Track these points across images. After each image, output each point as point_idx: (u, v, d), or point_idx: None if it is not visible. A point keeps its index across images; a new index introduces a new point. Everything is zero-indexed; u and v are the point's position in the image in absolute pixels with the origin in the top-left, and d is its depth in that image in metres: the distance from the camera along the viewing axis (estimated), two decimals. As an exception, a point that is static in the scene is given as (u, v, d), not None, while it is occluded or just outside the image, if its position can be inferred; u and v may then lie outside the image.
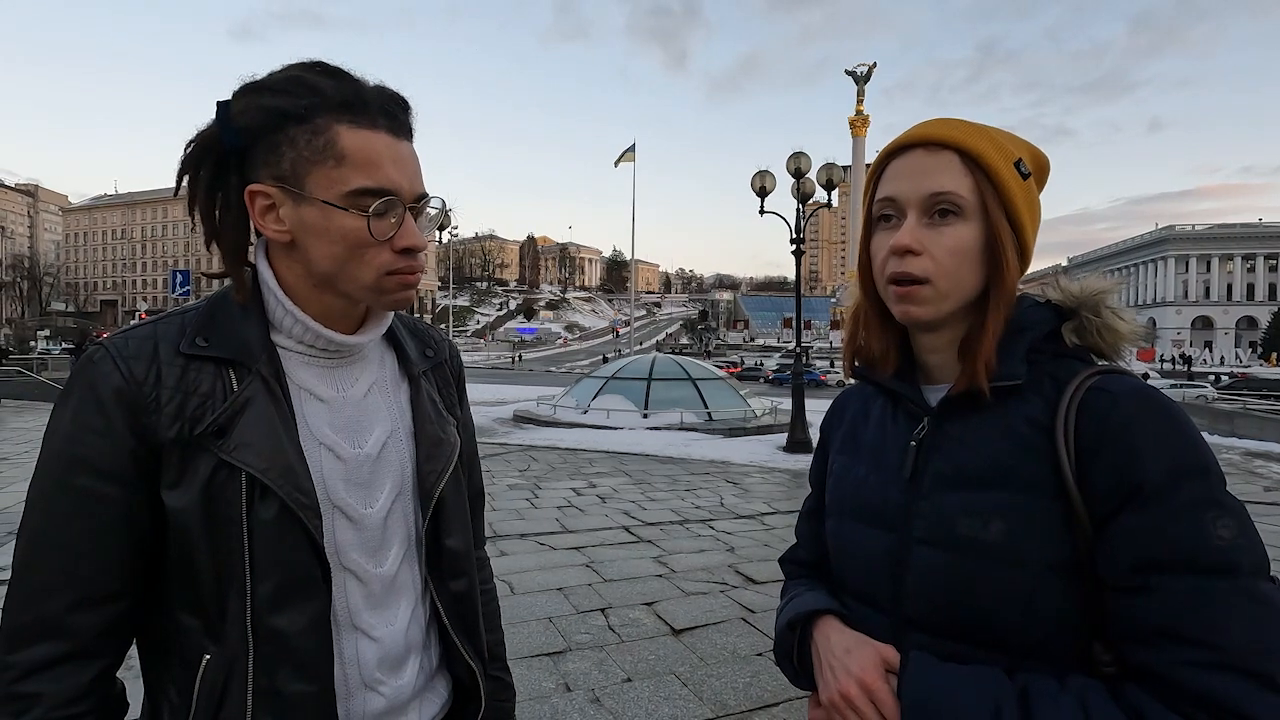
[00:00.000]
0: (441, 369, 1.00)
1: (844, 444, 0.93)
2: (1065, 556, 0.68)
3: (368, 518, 0.83)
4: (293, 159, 0.75)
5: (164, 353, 0.76)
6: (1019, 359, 0.75)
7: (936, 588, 0.74)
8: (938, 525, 0.75)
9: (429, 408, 0.93)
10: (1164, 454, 0.66)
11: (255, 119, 0.75)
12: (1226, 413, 16.12)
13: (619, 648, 3.60)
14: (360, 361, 0.88)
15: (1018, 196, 0.76)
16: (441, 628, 0.91)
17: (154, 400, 0.73)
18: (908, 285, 0.76)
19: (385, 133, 0.78)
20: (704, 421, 14.16)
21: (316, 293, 0.81)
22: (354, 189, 0.75)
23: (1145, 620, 0.64)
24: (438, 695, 0.92)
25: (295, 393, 0.81)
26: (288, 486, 0.74)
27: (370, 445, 0.85)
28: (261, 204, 0.78)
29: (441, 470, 0.90)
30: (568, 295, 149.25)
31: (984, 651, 0.71)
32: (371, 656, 0.83)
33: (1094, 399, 0.70)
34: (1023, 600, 0.69)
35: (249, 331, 0.79)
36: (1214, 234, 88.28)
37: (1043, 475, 0.70)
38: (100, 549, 0.72)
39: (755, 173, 12.24)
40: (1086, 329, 0.77)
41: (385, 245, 0.78)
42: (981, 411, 0.76)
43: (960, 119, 0.79)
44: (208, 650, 0.74)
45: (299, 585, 0.76)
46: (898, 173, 0.78)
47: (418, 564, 0.90)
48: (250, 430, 0.75)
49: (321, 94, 0.75)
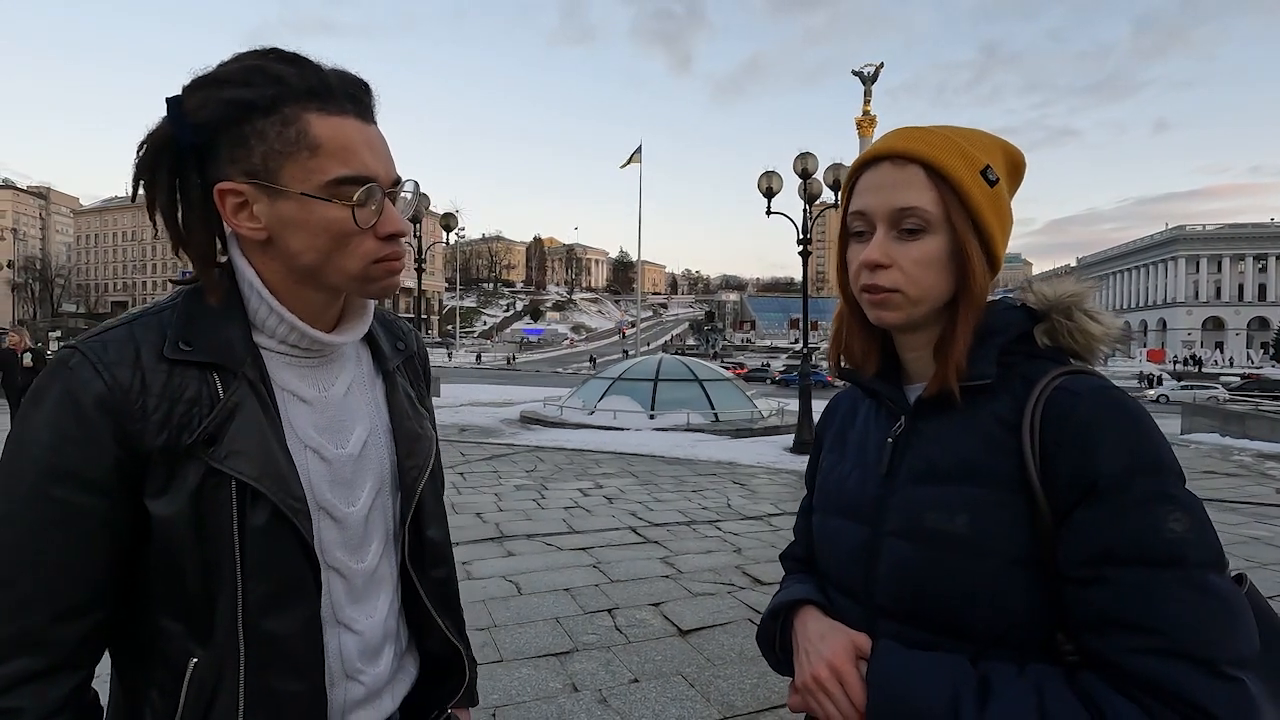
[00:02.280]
0: (412, 362, 1.00)
1: (833, 443, 0.97)
2: (1028, 550, 0.71)
3: (350, 516, 0.83)
4: (263, 152, 0.73)
5: (146, 358, 0.72)
6: (990, 360, 0.78)
7: (905, 578, 0.77)
8: (908, 518, 0.78)
9: (405, 404, 0.93)
10: (1120, 451, 0.69)
11: (215, 113, 0.72)
12: (1238, 414, 15.97)
13: (626, 648, 3.60)
14: (339, 360, 0.87)
15: (984, 206, 0.78)
16: (416, 612, 0.93)
17: (140, 408, 0.70)
18: (882, 294, 0.79)
19: (354, 118, 0.76)
20: (710, 422, 14.16)
21: (298, 289, 0.80)
22: (333, 178, 0.73)
23: (1097, 609, 0.67)
24: (408, 675, 0.94)
25: (280, 395, 0.79)
26: (281, 493, 0.74)
27: (352, 445, 0.85)
28: (233, 202, 0.74)
29: (422, 466, 0.91)
30: (574, 296, 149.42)
31: (950, 640, 0.74)
32: (354, 648, 0.84)
33: (1058, 398, 0.73)
34: (987, 591, 0.72)
35: (232, 333, 0.77)
36: (1225, 234, 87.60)
37: (1009, 471, 0.73)
38: (81, 561, 0.70)
39: (762, 173, 12.23)
40: (1058, 331, 0.79)
41: (369, 233, 0.76)
42: (954, 410, 0.79)
43: (930, 128, 0.80)
44: (194, 654, 0.73)
45: (290, 587, 0.75)
46: (868, 186, 0.81)
47: (395, 556, 0.91)
48: (241, 437, 0.73)
49: (286, 83, 0.73)
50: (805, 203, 12.09)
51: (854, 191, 0.83)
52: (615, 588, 4.55)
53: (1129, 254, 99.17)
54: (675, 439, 12.27)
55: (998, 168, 0.80)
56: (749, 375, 47.46)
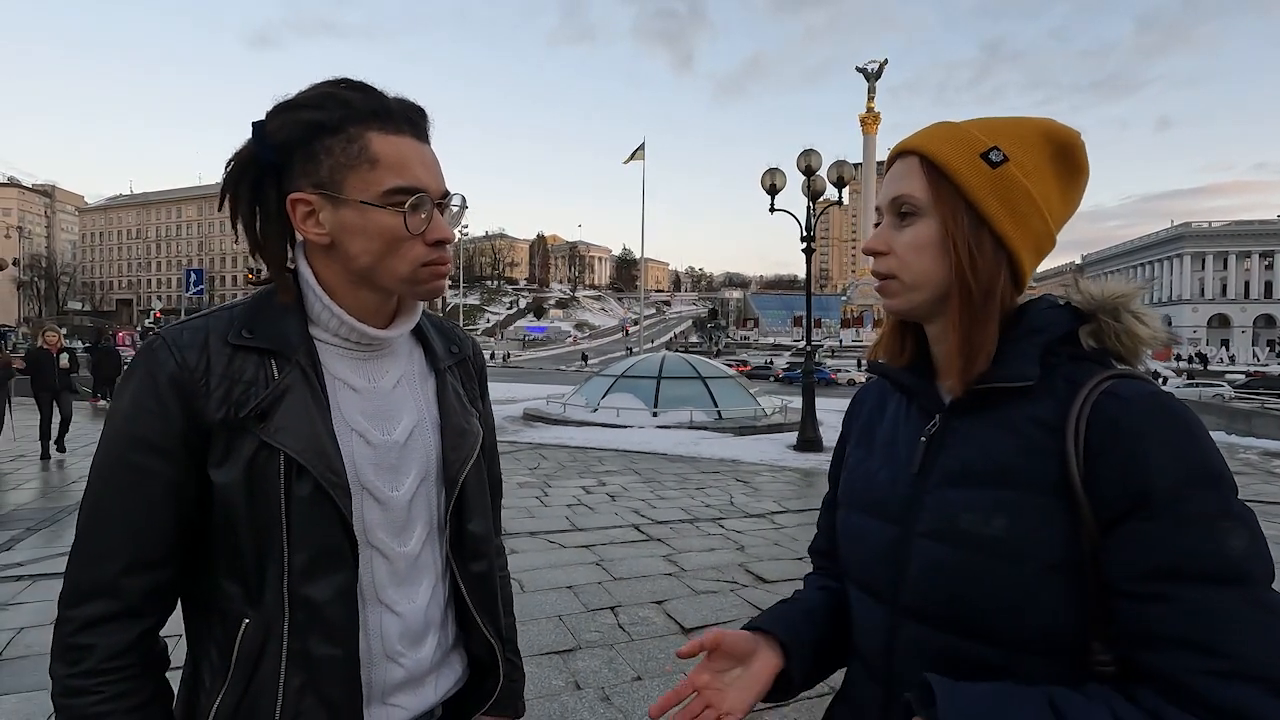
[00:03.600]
0: (465, 365, 1.06)
1: (859, 438, 0.96)
2: (1066, 557, 0.69)
3: (394, 500, 0.89)
4: (330, 166, 0.82)
5: (214, 343, 0.83)
6: (1032, 360, 0.75)
7: (936, 580, 0.75)
8: (941, 519, 0.76)
9: (453, 400, 0.99)
10: (1176, 462, 0.66)
11: (292, 133, 0.82)
12: (1244, 412, 15.91)
13: (629, 646, 3.61)
14: (391, 355, 0.95)
15: (977, 186, 0.76)
16: (461, 607, 0.98)
17: (204, 385, 0.80)
18: (881, 280, 0.83)
19: (410, 137, 0.85)
20: (714, 420, 14.15)
21: (353, 289, 0.88)
22: (389, 188, 0.82)
23: (1159, 628, 0.64)
24: (453, 670, 0.98)
25: (330, 382, 0.87)
26: (321, 467, 0.81)
27: (398, 433, 0.91)
28: (303, 210, 0.84)
29: (465, 458, 0.96)
30: (577, 294, 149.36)
31: (977, 645, 0.72)
32: (394, 630, 0.89)
33: (1106, 403, 0.70)
34: (1020, 597, 0.70)
35: (289, 326, 0.86)
36: (1231, 231, 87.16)
37: (1049, 475, 0.70)
38: (152, 519, 0.79)
39: (766, 170, 12.20)
40: (1104, 333, 0.77)
41: (418, 239, 0.84)
42: (993, 410, 0.76)
43: (946, 123, 0.81)
44: (247, 615, 0.81)
45: (329, 557, 0.82)
46: (883, 183, 0.85)
47: (439, 547, 0.96)
48: (289, 415, 0.81)
49: (351, 106, 0.83)
50: (809, 200, 12.06)
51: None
52: (618, 585, 4.56)
53: (1134, 251, 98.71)
54: (678, 436, 12.28)
55: (1023, 150, 0.77)
56: (752, 373, 47.43)
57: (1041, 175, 0.77)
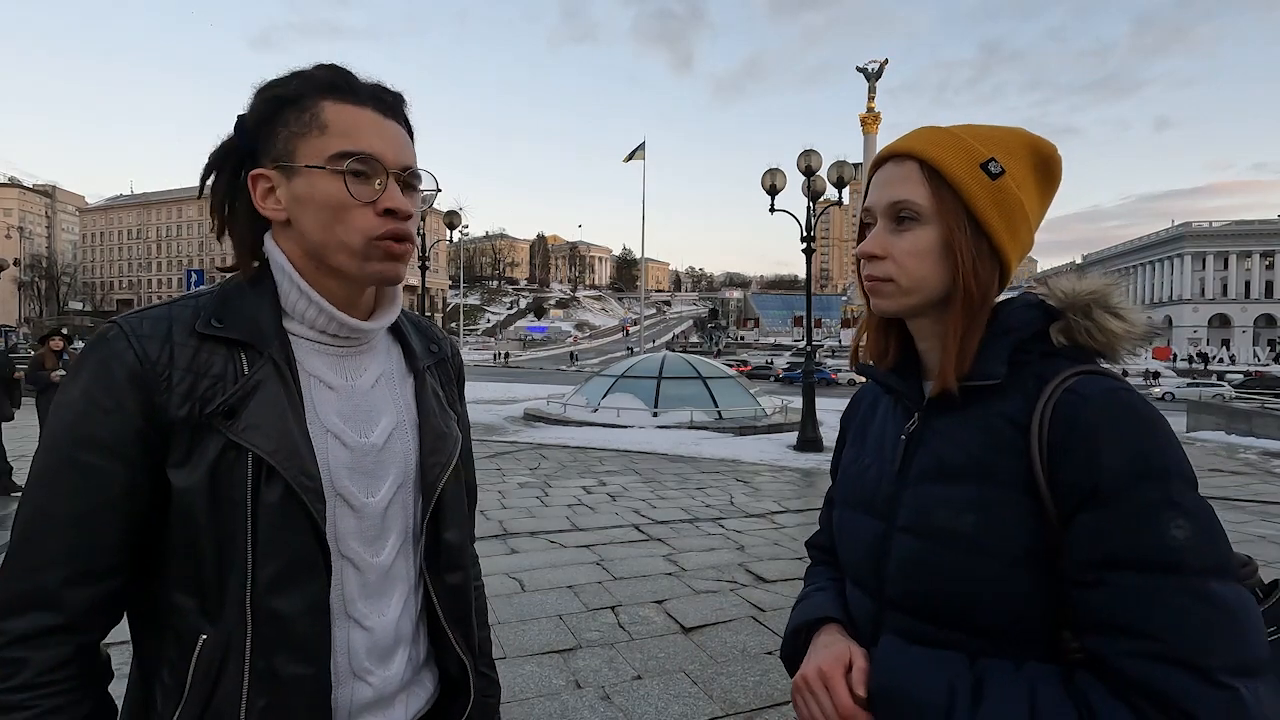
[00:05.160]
0: (444, 365, 1.02)
1: (855, 436, 0.99)
2: (1033, 549, 0.71)
3: (368, 507, 0.84)
4: (285, 137, 0.80)
5: (177, 333, 0.77)
6: (1000, 359, 0.77)
7: (913, 573, 0.79)
8: (917, 515, 0.80)
9: (432, 402, 0.94)
10: (1124, 456, 0.68)
11: (259, 112, 0.81)
12: (1244, 412, 15.90)
13: (629, 645, 3.61)
14: (369, 352, 0.90)
15: (980, 197, 0.78)
16: (433, 620, 0.92)
17: (166, 380, 0.74)
18: (876, 283, 0.83)
19: (370, 109, 0.82)
20: (714, 420, 14.15)
21: (320, 275, 0.83)
22: (334, 153, 0.79)
23: (1097, 612, 0.68)
24: (424, 689, 0.92)
25: (305, 379, 0.82)
26: (293, 470, 0.75)
27: (376, 435, 0.86)
28: (263, 187, 0.81)
29: (445, 464, 0.91)
30: (578, 294, 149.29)
31: (956, 634, 0.75)
32: (362, 646, 0.83)
33: (1066, 400, 0.73)
34: (991, 589, 0.73)
35: (262, 316, 0.81)
36: (1231, 230, 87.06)
37: (1017, 471, 0.73)
38: (100, 526, 0.73)
39: (766, 170, 12.21)
40: (1075, 329, 0.78)
41: (368, 208, 0.79)
42: (967, 408, 0.79)
43: (936, 127, 0.82)
44: (204, 630, 0.74)
45: (299, 568, 0.76)
46: (875, 185, 0.84)
47: (413, 557, 0.90)
48: (260, 413, 0.76)
49: (311, 79, 0.81)
50: (809, 200, 12.06)
51: (867, 191, 0.86)
52: (618, 585, 4.56)
53: (1134, 251, 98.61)
54: (678, 436, 12.28)
55: (1014, 162, 0.79)
56: (752, 373, 47.44)
57: (1028, 188, 0.80)
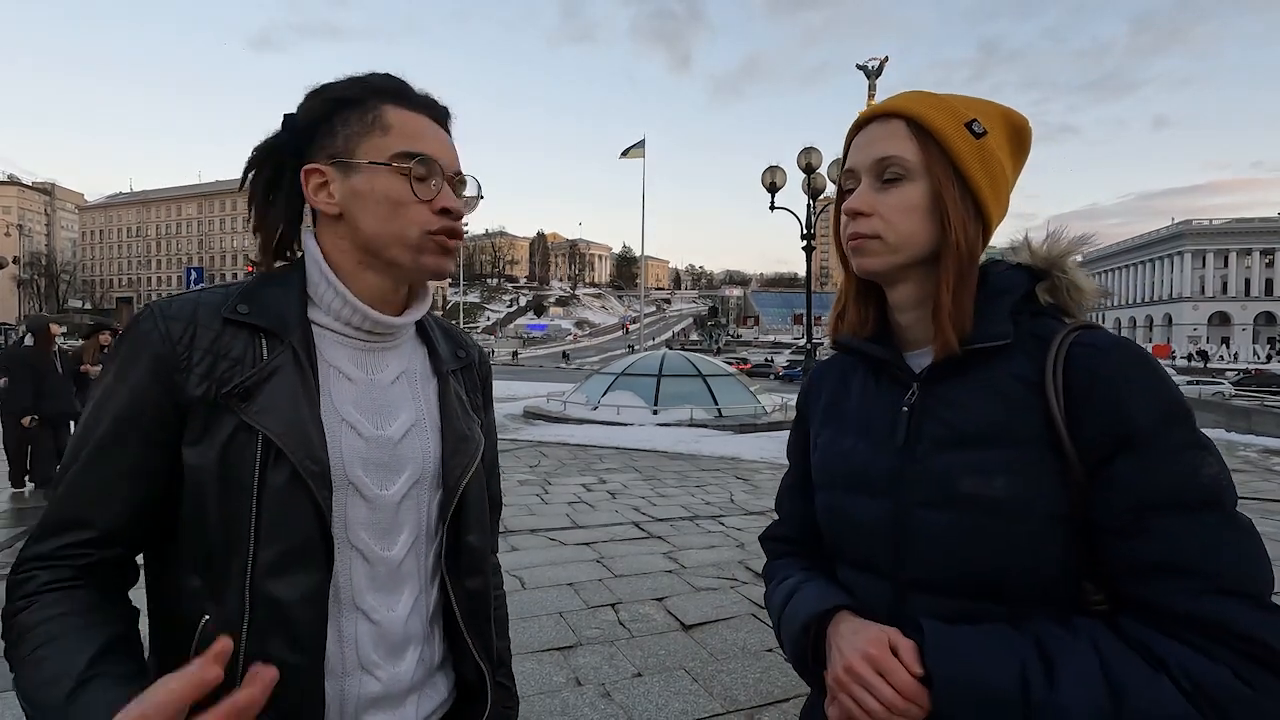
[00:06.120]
0: (470, 371, 1.02)
1: (827, 416, 0.94)
2: (1063, 505, 0.71)
3: (382, 499, 0.84)
4: (345, 136, 0.84)
5: (203, 316, 0.80)
6: (1004, 319, 0.78)
7: (943, 548, 0.76)
8: (939, 487, 0.77)
9: (455, 404, 0.94)
10: (1152, 402, 0.70)
11: (315, 112, 0.85)
12: (1244, 410, 15.92)
13: (629, 643, 3.61)
14: (393, 350, 0.91)
15: (966, 155, 0.79)
16: (450, 623, 0.91)
17: (185, 359, 0.77)
18: (862, 240, 0.81)
19: (426, 117, 0.87)
20: (714, 418, 14.15)
21: (361, 272, 0.86)
22: (397, 152, 0.83)
23: (1143, 557, 0.68)
24: (437, 692, 0.91)
25: (324, 369, 0.84)
26: (300, 453, 0.76)
27: (394, 429, 0.87)
28: (316, 181, 0.85)
29: (466, 465, 0.91)
30: (577, 292, 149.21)
31: (987, 604, 0.74)
32: (369, 639, 0.83)
33: (1080, 353, 0.73)
34: (1029, 551, 0.72)
35: (288, 306, 0.83)
36: (1231, 229, 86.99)
37: (1037, 429, 0.73)
38: (112, 496, 0.75)
39: (766, 168, 12.21)
40: (1058, 288, 0.81)
41: (425, 205, 0.84)
42: (970, 372, 0.78)
43: (918, 90, 0.83)
44: (207, 611, 0.75)
45: (300, 555, 0.76)
46: (856, 146, 0.84)
47: (426, 556, 0.90)
48: (273, 396, 0.78)
49: (373, 84, 0.85)
50: (809, 198, 12.06)
51: (847, 155, 0.86)
52: (618, 582, 4.56)
53: (1134, 249, 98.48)
54: (678, 434, 12.28)
55: (993, 126, 0.81)
56: (752, 370, 47.44)
57: (1005, 152, 0.82)
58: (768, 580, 1.00)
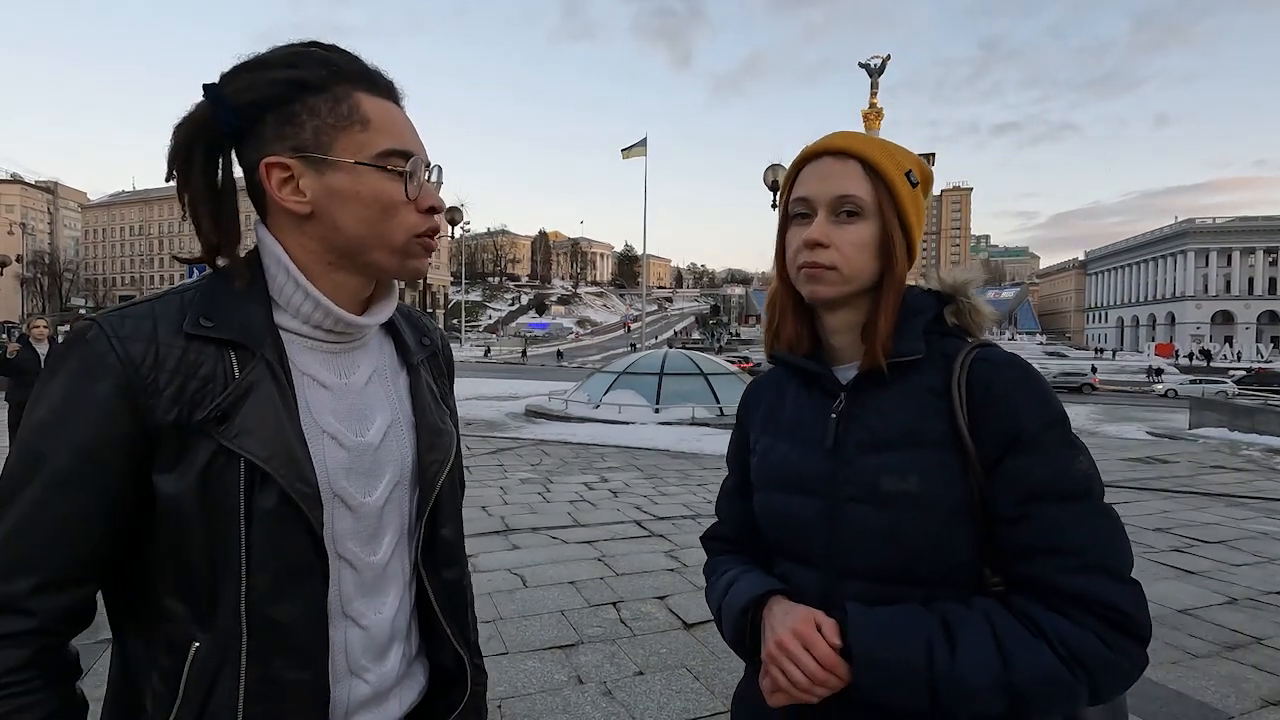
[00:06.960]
0: (436, 358, 1.00)
1: (764, 425, 1.04)
2: (966, 499, 0.82)
3: (365, 506, 0.82)
4: (315, 127, 0.76)
5: (163, 333, 0.72)
6: (918, 337, 0.89)
7: (869, 538, 0.86)
8: (864, 485, 0.87)
9: (427, 397, 0.92)
10: (1037, 409, 0.83)
11: (263, 93, 0.75)
12: (1247, 409, 15.87)
13: (631, 641, 3.62)
14: (361, 348, 0.87)
15: (908, 202, 0.90)
16: (426, 616, 0.91)
17: (152, 382, 0.70)
18: (820, 269, 0.89)
19: (393, 103, 0.82)
20: (716, 416, 14.15)
21: (329, 271, 0.80)
22: (383, 150, 0.77)
23: (1027, 541, 0.80)
24: (416, 683, 0.92)
25: (298, 379, 0.78)
26: (290, 476, 0.72)
27: (372, 434, 0.84)
28: (279, 176, 0.76)
29: (443, 461, 0.90)
30: (579, 290, 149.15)
31: (908, 588, 0.84)
32: (359, 644, 0.82)
33: (979, 368, 0.85)
34: (938, 540, 0.83)
35: (253, 314, 0.77)
36: (1234, 227, 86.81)
37: (944, 433, 0.84)
38: (78, 533, 0.69)
39: (767, 167, 12.22)
40: (962, 310, 0.93)
41: (412, 205, 0.80)
42: (889, 384, 0.89)
43: (860, 132, 0.93)
44: (196, 638, 0.71)
45: (297, 575, 0.74)
46: (810, 176, 0.91)
47: (408, 554, 0.89)
48: (253, 417, 0.72)
49: (337, 65, 0.78)
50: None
51: (796, 181, 0.93)
52: (620, 581, 4.57)
53: (1137, 247, 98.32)
54: (680, 433, 12.29)
55: (920, 176, 0.92)
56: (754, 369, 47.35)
57: (923, 200, 0.94)
58: (708, 575, 1.10)
